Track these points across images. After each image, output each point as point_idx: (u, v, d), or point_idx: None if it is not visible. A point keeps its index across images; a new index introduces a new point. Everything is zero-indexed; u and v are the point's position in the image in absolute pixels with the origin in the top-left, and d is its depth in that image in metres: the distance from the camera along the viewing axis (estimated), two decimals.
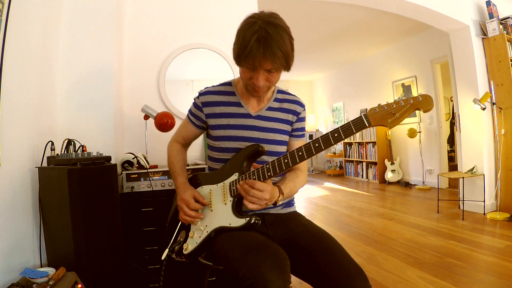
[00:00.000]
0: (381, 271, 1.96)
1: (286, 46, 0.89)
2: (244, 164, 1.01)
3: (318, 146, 0.86)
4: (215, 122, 1.09)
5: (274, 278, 0.74)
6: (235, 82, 1.15)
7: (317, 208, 3.91)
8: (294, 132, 1.15)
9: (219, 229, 0.98)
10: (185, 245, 1.04)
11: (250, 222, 0.93)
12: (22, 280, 1.07)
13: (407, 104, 0.80)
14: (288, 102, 1.14)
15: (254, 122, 1.08)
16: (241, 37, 0.90)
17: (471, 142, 3.28)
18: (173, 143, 1.24)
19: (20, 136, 1.25)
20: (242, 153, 1.02)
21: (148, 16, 2.14)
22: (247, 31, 0.89)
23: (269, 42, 0.86)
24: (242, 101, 1.10)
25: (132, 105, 2.05)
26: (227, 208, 0.99)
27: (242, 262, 0.79)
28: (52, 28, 1.57)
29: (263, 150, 1.00)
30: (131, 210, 1.59)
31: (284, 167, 0.91)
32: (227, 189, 1.01)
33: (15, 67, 1.21)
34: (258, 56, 0.88)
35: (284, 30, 0.90)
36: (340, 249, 0.90)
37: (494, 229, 2.64)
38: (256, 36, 0.86)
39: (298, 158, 0.89)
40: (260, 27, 0.87)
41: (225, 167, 1.06)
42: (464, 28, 3.23)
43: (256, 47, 0.87)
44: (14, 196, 1.19)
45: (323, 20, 3.99)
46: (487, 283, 1.74)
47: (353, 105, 6.55)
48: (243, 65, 0.95)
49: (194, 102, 1.16)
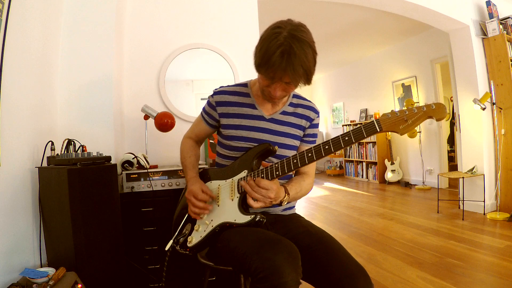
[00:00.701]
0: (381, 271, 1.96)
1: (308, 63, 0.89)
2: (254, 162, 1.02)
3: (328, 148, 0.88)
4: (227, 121, 1.10)
5: (288, 270, 0.75)
6: (251, 83, 1.15)
7: (317, 208, 3.91)
8: (306, 137, 1.16)
9: (224, 224, 0.99)
10: (189, 238, 1.04)
11: (255, 220, 0.93)
12: (22, 280, 1.07)
13: (420, 112, 0.80)
14: (303, 107, 1.14)
15: (266, 124, 1.09)
16: (264, 47, 0.89)
17: (471, 142, 3.28)
18: (186, 139, 1.26)
19: (20, 136, 1.25)
20: (253, 151, 1.04)
21: (148, 16, 2.14)
22: (272, 42, 0.87)
23: (292, 58, 0.86)
24: (257, 103, 1.11)
25: (132, 105, 2.05)
26: (233, 204, 1.00)
27: (255, 256, 0.80)
28: (52, 28, 1.57)
29: (273, 149, 1.02)
30: (131, 210, 1.59)
31: (292, 167, 0.92)
32: (235, 185, 1.03)
33: (15, 67, 1.21)
34: (279, 70, 0.88)
35: (309, 45, 0.89)
36: (341, 249, 0.90)
37: (494, 229, 2.64)
38: (280, 51, 0.86)
39: (307, 159, 0.90)
40: (285, 40, 0.86)
41: (235, 164, 1.07)
42: (464, 28, 3.23)
43: (279, 62, 0.86)
44: (14, 196, 1.19)
45: (323, 20, 3.99)
46: (487, 283, 1.74)
47: (353, 105, 6.55)
48: (263, 74, 0.94)
49: (208, 101, 1.16)
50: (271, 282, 0.74)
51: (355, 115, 6.45)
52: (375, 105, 5.89)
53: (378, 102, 5.82)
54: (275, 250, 0.80)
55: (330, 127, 7.51)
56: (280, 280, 0.73)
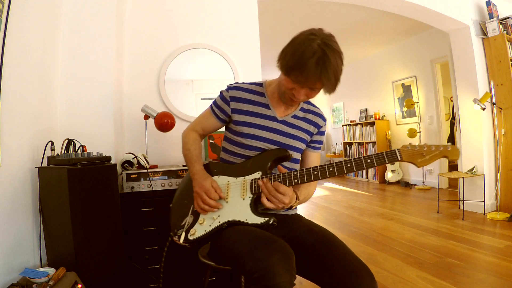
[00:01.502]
0: (381, 271, 1.96)
1: (339, 73, 0.93)
2: (269, 165, 1.04)
3: (350, 166, 0.93)
4: (240, 118, 1.10)
5: (282, 271, 0.75)
6: (266, 84, 1.16)
7: (317, 208, 3.91)
8: (312, 143, 1.18)
9: (233, 222, 0.99)
10: (192, 230, 1.02)
11: (268, 222, 0.95)
12: (22, 280, 1.07)
13: (437, 150, 0.91)
14: (312, 113, 1.17)
15: (278, 126, 1.10)
16: (299, 52, 0.90)
17: (471, 142, 3.28)
18: (190, 131, 1.21)
19: (20, 136, 1.25)
20: (270, 154, 1.05)
21: (148, 16, 2.14)
22: (307, 47, 0.89)
23: (327, 66, 0.88)
24: (271, 104, 1.12)
25: (132, 105, 2.05)
26: (245, 203, 1.00)
27: (249, 256, 0.80)
28: (52, 28, 1.57)
29: (290, 156, 1.05)
30: (131, 210, 1.59)
31: (313, 178, 0.96)
32: (248, 185, 1.03)
33: (15, 67, 1.21)
34: (313, 76, 0.90)
35: (340, 56, 0.93)
36: (344, 248, 0.91)
37: (494, 229, 2.64)
38: (316, 57, 0.88)
39: (328, 173, 0.95)
40: (320, 48, 0.88)
41: (247, 163, 1.07)
42: (464, 28, 3.23)
43: (314, 68, 0.88)
44: (14, 196, 1.19)
45: (323, 20, 3.99)
46: (487, 283, 1.74)
47: (353, 105, 6.55)
48: (291, 77, 0.95)
49: (221, 95, 1.15)
50: (265, 283, 0.74)
51: (355, 115, 6.45)
52: (375, 105, 5.89)
53: (378, 102, 5.83)
54: (270, 251, 0.80)
55: (330, 127, 7.51)
56: (273, 281, 0.73)
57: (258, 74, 2.32)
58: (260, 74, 2.34)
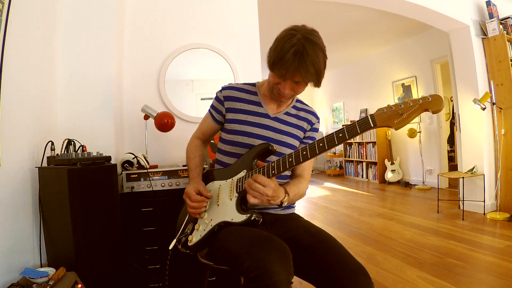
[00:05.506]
0: (381, 271, 1.96)
1: (319, 64, 0.94)
2: (254, 162, 1.04)
3: (322, 145, 0.88)
4: (233, 116, 1.12)
5: (279, 270, 0.75)
6: (259, 84, 1.19)
7: (317, 208, 3.91)
8: (306, 139, 1.19)
9: (222, 223, 1.00)
10: (190, 237, 1.06)
11: (250, 219, 0.94)
12: (22, 280, 1.07)
13: (416, 105, 0.78)
14: (305, 111, 1.19)
15: (270, 122, 1.12)
16: (279, 47, 0.94)
17: (471, 142, 3.28)
18: (193, 139, 1.28)
19: (20, 136, 1.25)
20: (253, 151, 1.06)
21: (148, 16, 2.14)
22: (286, 42, 0.93)
23: (304, 57, 0.91)
24: (263, 102, 1.14)
25: (132, 105, 2.05)
26: (232, 203, 1.01)
27: (247, 255, 0.81)
28: (52, 28, 1.57)
29: (273, 149, 1.04)
30: (131, 210, 1.59)
31: (288, 165, 0.93)
32: (234, 185, 1.04)
33: (15, 67, 1.21)
34: (291, 68, 0.93)
35: (321, 49, 0.95)
36: (341, 248, 0.91)
37: (494, 229, 2.64)
38: (293, 50, 0.91)
39: (302, 157, 0.91)
40: (299, 41, 0.92)
41: (236, 164, 1.09)
42: (464, 28, 3.23)
43: (292, 60, 0.91)
44: (14, 196, 1.19)
45: (323, 20, 3.99)
46: (487, 283, 1.73)
47: (353, 105, 6.54)
48: (275, 72, 0.98)
49: (216, 96, 1.19)
50: (262, 282, 0.74)
51: (355, 115, 6.45)
52: (375, 105, 5.89)
53: (378, 102, 5.82)
54: (267, 250, 0.80)
55: (330, 127, 7.51)
56: (271, 280, 0.74)
57: (258, 74, 2.32)
58: (260, 74, 2.34)
